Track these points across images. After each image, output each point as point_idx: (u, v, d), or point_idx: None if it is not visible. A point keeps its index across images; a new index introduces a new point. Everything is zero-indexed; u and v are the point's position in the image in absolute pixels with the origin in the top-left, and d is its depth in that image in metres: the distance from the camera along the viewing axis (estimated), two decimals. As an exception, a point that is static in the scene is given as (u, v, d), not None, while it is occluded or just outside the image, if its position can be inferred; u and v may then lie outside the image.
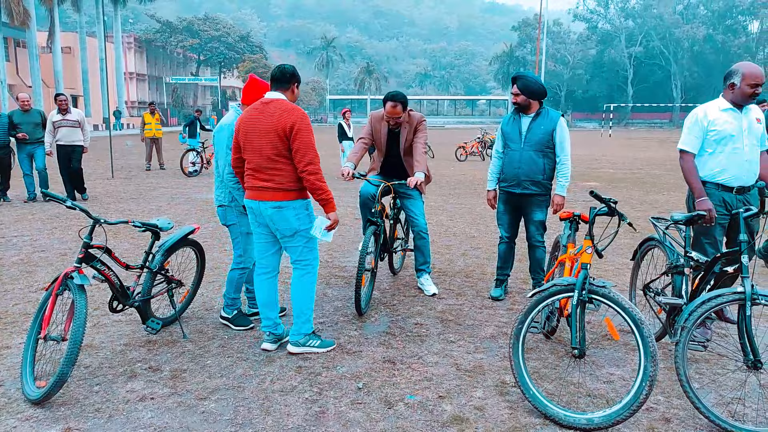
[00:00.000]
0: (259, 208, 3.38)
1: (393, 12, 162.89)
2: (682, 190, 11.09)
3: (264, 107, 3.33)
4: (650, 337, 2.61)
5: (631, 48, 68.50)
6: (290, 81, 3.42)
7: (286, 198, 3.33)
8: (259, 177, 3.34)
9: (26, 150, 9.20)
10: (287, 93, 3.42)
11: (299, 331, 3.52)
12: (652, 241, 3.73)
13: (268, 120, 3.27)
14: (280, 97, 3.37)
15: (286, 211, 3.35)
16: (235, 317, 3.99)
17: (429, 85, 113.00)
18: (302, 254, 3.48)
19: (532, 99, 4.21)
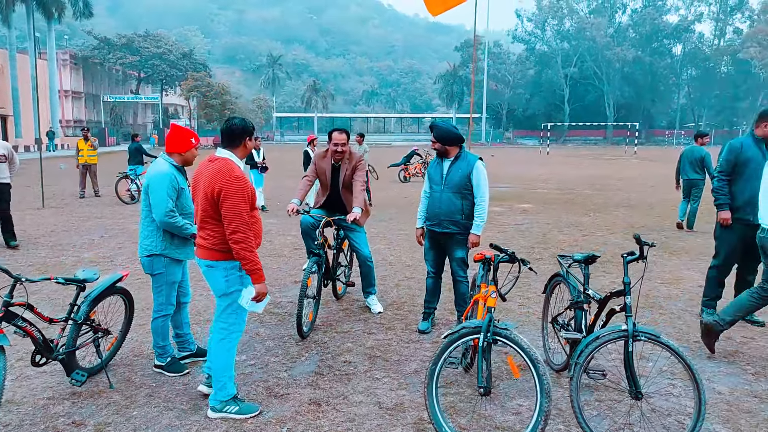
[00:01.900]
0: (199, 264, 3.45)
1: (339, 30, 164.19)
2: (608, 212, 11.82)
3: (209, 165, 3.33)
4: (545, 375, 2.88)
5: (566, 69, 71.91)
6: (240, 137, 3.37)
7: (216, 258, 3.33)
8: (199, 234, 3.41)
9: None
10: (237, 150, 3.38)
11: (216, 397, 3.40)
12: (558, 277, 4.05)
13: (205, 179, 3.28)
14: (224, 156, 3.34)
15: (215, 271, 3.35)
16: (168, 364, 4.00)
17: (376, 103, 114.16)
18: (225, 316, 3.42)
19: (448, 146, 4.50)
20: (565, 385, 3.54)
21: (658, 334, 2.97)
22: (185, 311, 4.21)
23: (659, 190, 16.24)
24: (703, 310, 4.97)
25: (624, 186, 17.88)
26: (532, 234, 9.20)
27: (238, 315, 3.45)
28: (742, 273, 5.00)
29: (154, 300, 3.95)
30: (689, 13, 75.18)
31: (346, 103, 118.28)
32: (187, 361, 4.18)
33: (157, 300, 3.93)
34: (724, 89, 70.91)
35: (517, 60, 77.48)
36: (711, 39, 76.71)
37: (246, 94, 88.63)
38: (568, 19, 75.87)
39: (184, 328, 4.22)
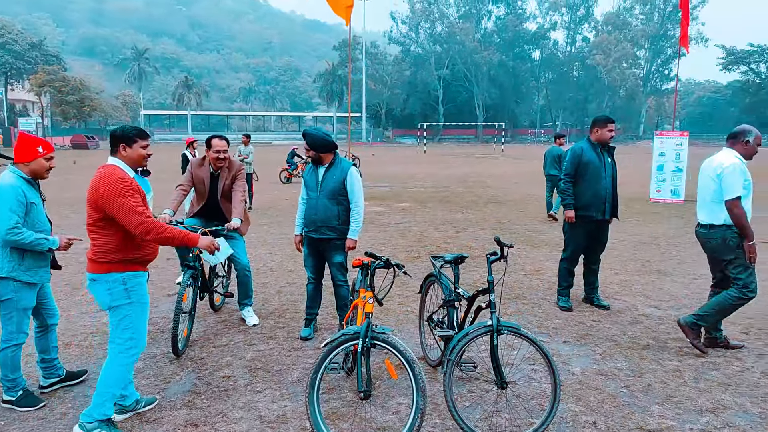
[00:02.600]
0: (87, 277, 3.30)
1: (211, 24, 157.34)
2: (478, 208, 12.62)
3: (97, 171, 3.22)
4: (421, 375, 3.02)
5: (439, 71, 75.43)
6: (116, 144, 3.26)
7: (98, 270, 3.19)
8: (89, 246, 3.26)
9: None
10: (118, 156, 3.27)
11: (91, 413, 3.22)
12: (432, 277, 4.25)
13: (89, 188, 3.18)
14: (108, 163, 3.25)
15: (98, 285, 3.22)
16: (20, 398, 3.63)
17: (254, 101, 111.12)
18: (119, 332, 3.26)
19: (322, 153, 4.52)
20: (442, 379, 3.74)
21: (518, 327, 3.24)
22: (53, 334, 3.88)
23: (522, 186, 17.65)
24: (559, 299, 5.51)
25: (492, 183, 19.16)
26: (410, 233, 9.55)
27: (133, 330, 3.27)
28: (588, 263, 5.61)
29: (3, 328, 3.57)
30: (545, 22, 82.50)
31: (222, 101, 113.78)
32: (56, 387, 3.87)
33: (7, 328, 3.55)
34: (576, 92, 78.79)
35: (393, 61, 79.75)
36: (564, 46, 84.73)
37: (109, 89, 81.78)
38: (439, 23, 79.57)
39: (52, 352, 3.86)
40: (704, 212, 4.37)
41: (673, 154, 13.57)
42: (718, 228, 4.26)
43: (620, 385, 3.76)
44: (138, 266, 3.30)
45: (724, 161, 4.22)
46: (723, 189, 4.14)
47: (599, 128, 5.41)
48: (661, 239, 8.87)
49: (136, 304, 3.28)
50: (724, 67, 75.16)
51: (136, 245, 3.25)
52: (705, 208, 4.36)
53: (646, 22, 76.35)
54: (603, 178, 5.36)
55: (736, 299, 4.21)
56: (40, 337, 3.79)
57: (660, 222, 10.57)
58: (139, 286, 3.31)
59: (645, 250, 8.09)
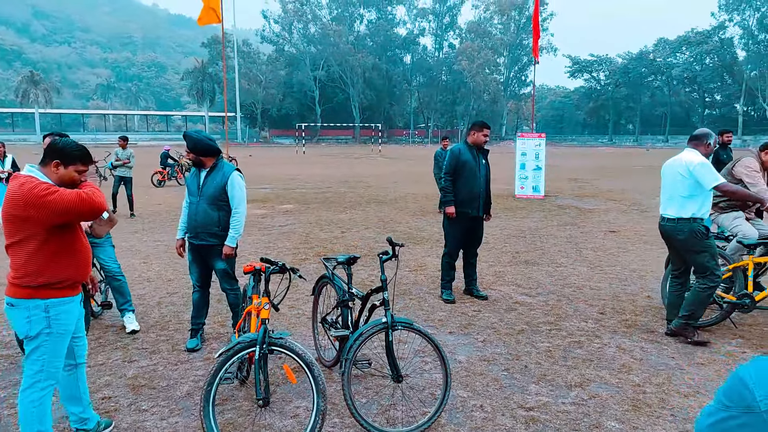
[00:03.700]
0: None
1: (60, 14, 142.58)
2: (361, 208, 12.86)
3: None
4: (320, 377, 3.06)
5: (315, 71, 75.33)
6: (45, 158, 2.88)
7: (18, 295, 2.80)
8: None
9: None
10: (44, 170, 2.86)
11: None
12: (325, 278, 4.30)
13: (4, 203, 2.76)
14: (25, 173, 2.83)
15: (17, 311, 2.82)
16: None
17: (114, 98, 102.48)
18: (30, 363, 2.88)
19: (203, 156, 4.35)
20: (338, 379, 3.81)
21: (411, 322, 3.41)
22: None
23: (402, 186, 18.29)
24: (442, 292, 5.84)
25: (373, 182, 19.61)
26: (295, 235, 9.48)
27: (46, 362, 2.87)
28: (466, 257, 6.01)
29: None
30: (414, 28, 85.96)
31: (76, 97, 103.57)
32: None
33: None
34: (445, 95, 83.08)
35: (267, 60, 78.16)
36: (433, 51, 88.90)
37: None
38: (313, 24, 79.46)
39: None
40: (673, 207, 4.61)
41: (533, 154, 14.91)
42: (685, 221, 4.54)
43: (501, 368, 4.09)
44: (66, 291, 2.92)
45: (693, 159, 4.52)
46: (702, 181, 4.42)
47: (476, 132, 5.82)
48: (527, 232, 9.72)
49: (54, 335, 2.88)
50: (571, 75, 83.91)
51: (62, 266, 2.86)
52: (674, 203, 4.60)
53: (504, 32, 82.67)
54: (478, 178, 5.77)
55: (709, 288, 4.48)
56: None
57: (525, 216, 11.57)
58: (65, 315, 2.91)
59: (514, 242, 8.82)
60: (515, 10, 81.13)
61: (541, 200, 14.24)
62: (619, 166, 30.06)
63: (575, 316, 5.23)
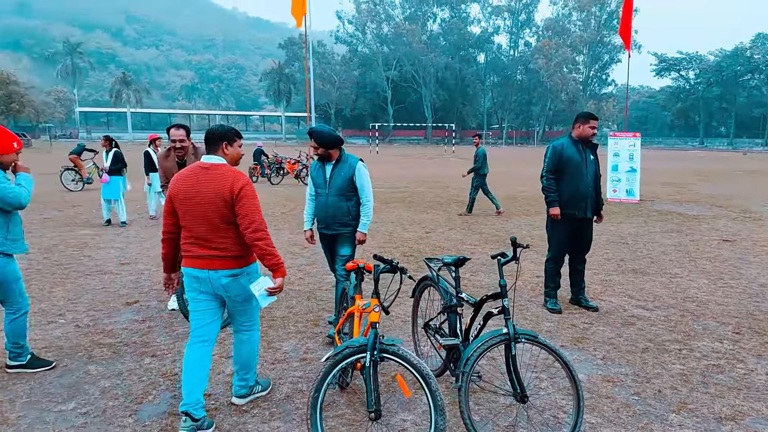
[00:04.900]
0: (208, 277, 3.23)
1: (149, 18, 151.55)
2: (442, 209, 12.51)
3: (204, 173, 3.22)
4: (438, 392, 2.76)
5: (388, 71, 75.50)
6: (216, 143, 3.30)
7: (239, 265, 3.26)
8: (206, 245, 3.22)
9: None
10: (220, 153, 3.31)
11: (246, 384, 3.56)
12: (428, 280, 4.00)
13: (210, 186, 3.17)
14: (218, 162, 3.27)
15: (241, 278, 3.28)
16: (31, 361, 4.02)
17: (198, 99, 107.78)
18: (252, 316, 3.49)
19: (331, 149, 4.44)
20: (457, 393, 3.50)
21: (536, 335, 3.04)
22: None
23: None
24: (547, 300, 5.39)
25: (450, 183, 19.17)
26: (378, 234, 9.28)
27: (257, 313, 3.56)
28: (573, 262, 5.51)
29: (6, 302, 3.95)
30: (489, 26, 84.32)
31: (163, 98, 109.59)
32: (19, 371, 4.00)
33: (11, 300, 3.96)
34: (520, 95, 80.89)
35: (341, 61, 79.23)
36: (507, 50, 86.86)
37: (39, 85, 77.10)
38: (386, 24, 79.72)
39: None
40: None
41: (627, 155, 13.96)
42: None
43: (630, 392, 3.62)
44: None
45: None
46: None
47: (581, 124, 5.31)
48: (627, 238, 9.00)
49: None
50: (657, 73, 79.31)
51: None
52: None
53: (583, 29, 79.37)
54: (584, 176, 5.27)
55: None
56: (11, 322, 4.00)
57: (622, 222, 10.77)
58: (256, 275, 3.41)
59: (615, 249, 8.16)
60: (596, 6, 77.71)
61: (636, 204, 13.29)
62: (717, 171, 27.88)
63: (706, 335, 4.62)
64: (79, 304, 5.53)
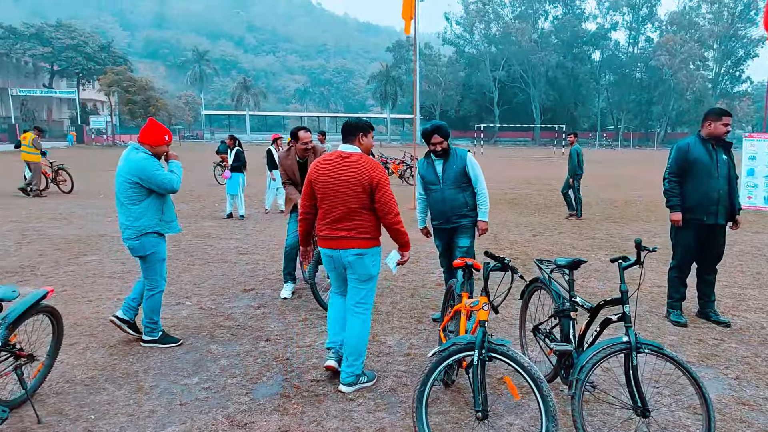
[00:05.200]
0: (339, 256, 3.63)
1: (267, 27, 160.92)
2: (551, 212, 12.02)
3: (343, 161, 3.58)
4: (550, 396, 2.65)
5: (495, 72, 73.95)
6: (354, 133, 3.66)
7: (366, 246, 3.59)
8: (339, 227, 3.59)
9: None
10: (356, 143, 3.66)
11: (353, 372, 3.66)
12: (538, 283, 3.85)
13: (349, 173, 3.52)
14: (355, 151, 3.62)
15: (366, 258, 3.60)
16: (162, 337, 4.36)
17: (309, 102, 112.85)
18: (366, 297, 3.71)
19: (447, 139, 4.61)
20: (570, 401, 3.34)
21: (660, 346, 2.82)
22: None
23: (592, 190, 16.81)
24: (670, 312, 4.97)
25: (559, 186, 18.35)
26: (484, 235, 9.09)
27: (373, 295, 3.77)
28: (701, 272, 5.03)
29: (148, 279, 4.29)
30: (605, 22, 79.60)
31: (278, 102, 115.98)
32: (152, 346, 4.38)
33: (152, 278, 4.30)
34: (639, 94, 75.54)
35: (447, 62, 78.87)
36: (626, 46, 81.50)
37: (172, 90, 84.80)
38: (494, 23, 78.09)
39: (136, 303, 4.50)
40: None
41: (765, 158, 12.52)
42: None
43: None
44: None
45: None
46: None
47: (712, 121, 4.81)
48: (765, 249, 8.08)
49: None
50: (803, 69, 70.35)
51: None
52: None
53: (714, 22, 72.43)
54: (714, 178, 4.77)
55: None
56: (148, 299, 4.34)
57: (759, 231, 9.69)
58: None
59: (750, 261, 7.36)
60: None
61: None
62: None
63: None
64: (202, 288, 5.99)
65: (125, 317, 4.43)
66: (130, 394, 3.59)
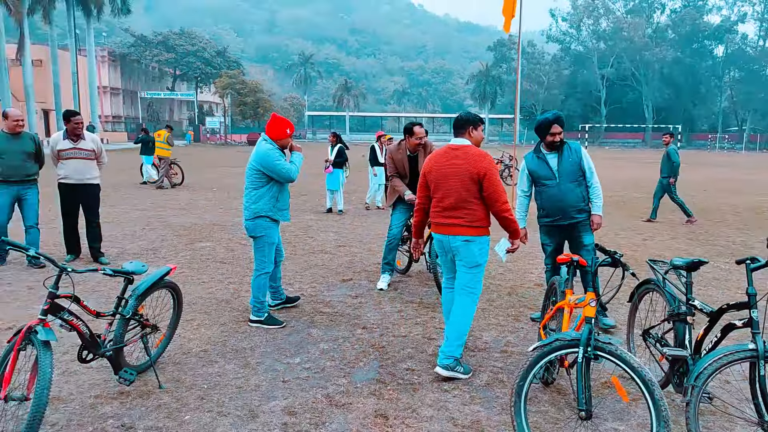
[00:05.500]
0: (448, 241, 3.79)
1: (369, 30, 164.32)
2: (662, 215, 11.20)
3: (453, 153, 3.77)
4: (662, 400, 2.48)
5: (603, 69, 70.09)
6: (464, 126, 3.82)
7: (475, 234, 3.72)
8: (451, 214, 3.75)
9: (9, 192, 6.25)
10: (466, 136, 3.82)
11: (452, 354, 3.70)
12: (651, 284, 3.61)
13: (459, 165, 3.70)
14: (465, 143, 3.79)
15: (472, 245, 3.72)
16: (266, 319, 4.61)
17: (407, 103, 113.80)
18: (473, 282, 3.80)
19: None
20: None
21: (794, 357, 2.53)
22: (280, 268, 4.99)
23: (712, 195, 15.48)
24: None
25: (672, 190, 17.06)
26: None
27: (480, 280, 3.84)
28: None
29: (256, 260, 4.63)
30: (732, 14, 72.59)
31: (377, 103, 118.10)
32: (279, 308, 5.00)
33: (259, 259, 4.62)
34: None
35: (551, 60, 75.96)
36: (755, 40, 73.82)
37: (278, 92, 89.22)
38: (605, 19, 73.99)
39: (278, 282, 5.01)
40: None
41: None
42: None
43: None
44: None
45: None
46: None
47: None
48: None
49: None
50: None
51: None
52: None
53: None
54: None
55: None
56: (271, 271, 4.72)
57: None
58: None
59: None
60: None
61: None
62: None
63: None
64: (304, 276, 6.26)
65: (276, 301, 5.00)
66: (239, 368, 3.83)
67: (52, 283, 3.03)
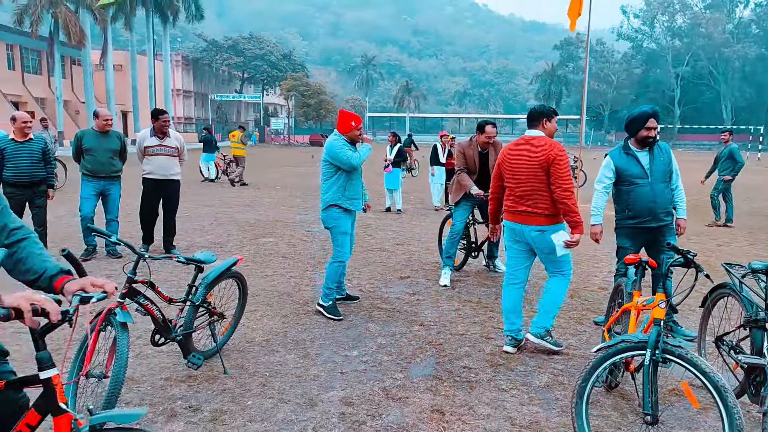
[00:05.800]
0: (521, 229, 3.94)
1: (432, 31, 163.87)
2: (739, 220, 10.54)
3: (526, 143, 3.95)
4: (736, 408, 2.35)
5: (678, 68, 66.69)
6: (538, 119, 3.96)
7: (547, 223, 3.85)
8: (524, 203, 3.91)
9: (95, 186, 6.66)
10: (539, 128, 3.96)
11: (542, 325, 3.96)
12: (726, 288, 3.42)
13: (530, 154, 3.86)
14: (538, 134, 3.95)
15: (547, 235, 3.84)
16: (329, 307, 4.75)
17: (468, 104, 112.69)
18: (560, 265, 3.96)
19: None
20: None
21: None
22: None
23: (798, 200, 14.39)
24: None
25: (752, 195, 16.03)
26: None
27: (567, 262, 4.00)
28: None
29: (333, 248, 4.84)
30: (825, 6, 67.18)
31: (438, 104, 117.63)
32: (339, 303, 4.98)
33: (335, 248, 4.82)
34: None
35: (622, 58, 72.98)
36: None
37: (340, 93, 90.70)
38: (680, 14, 70.33)
39: (341, 278, 5.06)
40: None
41: None
42: None
43: None
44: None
45: None
46: None
47: None
48: None
49: None
50: None
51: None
52: None
53: None
54: None
55: None
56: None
57: None
58: None
59: None
60: None
61: None
62: None
63: None
64: (363, 272, 6.34)
65: (341, 295, 5.12)
66: (299, 358, 3.94)
67: (131, 268, 3.24)
